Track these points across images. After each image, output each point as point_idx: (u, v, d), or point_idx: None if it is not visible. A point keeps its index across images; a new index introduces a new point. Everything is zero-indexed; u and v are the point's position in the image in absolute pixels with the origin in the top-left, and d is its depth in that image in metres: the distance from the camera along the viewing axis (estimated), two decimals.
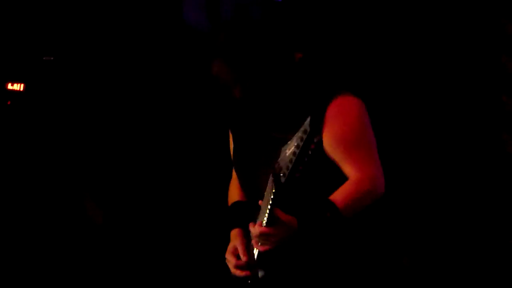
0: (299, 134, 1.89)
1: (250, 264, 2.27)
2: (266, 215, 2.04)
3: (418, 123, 4.31)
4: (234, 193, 2.54)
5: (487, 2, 4.14)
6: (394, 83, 4.30)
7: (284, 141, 2.03)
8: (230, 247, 2.35)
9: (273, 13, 3.82)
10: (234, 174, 2.52)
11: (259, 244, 2.13)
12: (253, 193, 2.30)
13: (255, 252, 2.23)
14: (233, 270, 2.30)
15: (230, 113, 2.33)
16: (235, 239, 2.36)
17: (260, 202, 2.10)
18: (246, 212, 2.40)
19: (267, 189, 2.04)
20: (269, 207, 2.01)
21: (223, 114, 2.29)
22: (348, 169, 2.17)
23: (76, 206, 4.22)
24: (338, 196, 2.12)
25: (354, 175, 2.16)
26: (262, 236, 2.07)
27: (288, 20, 3.95)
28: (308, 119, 1.87)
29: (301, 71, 2.27)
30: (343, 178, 2.19)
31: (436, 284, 3.99)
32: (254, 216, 2.20)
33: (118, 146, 4.30)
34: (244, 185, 2.43)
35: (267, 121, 2.29)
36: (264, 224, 2.05)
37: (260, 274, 2.24)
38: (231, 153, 2.48)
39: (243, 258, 2.27)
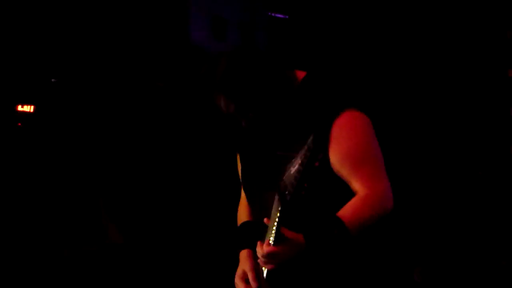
0: (303, 151, 1.89)
1: None
2: (273, 233, 2.03)
3: (427, 137, 4.30)
4: (243, 214, 2.54)
5: (494, 17, 4.14)
6: (401, 97, 4.29)
7: (291, 159, 2.04)
8: (239, 271, 2.34)
9: (279, 30, 3.83)
10: (243, 194, 2.53)
11: (266, 263, 2.12)
12: (261, 212, 2.29)
13: (264, 271, 2.22)
14: None
15: (236, 134, 2.33)
16: (244, 262, 2.34)
17: (266, 220, 2.09)
18: (255, 232, 2.39)
19: (273, 207, 2.03)
20: (275, 225, 2.00)
21: (230, 136, 2.29)
22: (356, 185, 2.16)
23: (96, 228, 4.23)
24: (346, 212, 2.11)
25: (362, 192, 2.14)
26: (269, 255, 2.06)
27: (293, 37, 3.96)
28: (312, 137, 1.87)
29: (305, 89, 2.27)
30: (349, 194, 2.17)
31: None
32: (262, 236, 2.20)
33: (130, 165, 4.31)
34: (252, 205, 2.43)
35: (273, 141, 2.29)
36: (271, 243, 2.04)
37: None
38: (239, 174, 2.49)
39: (253, 285, 2.26)
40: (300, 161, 1.88)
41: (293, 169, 1.91)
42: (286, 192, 1.91)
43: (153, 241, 4.24)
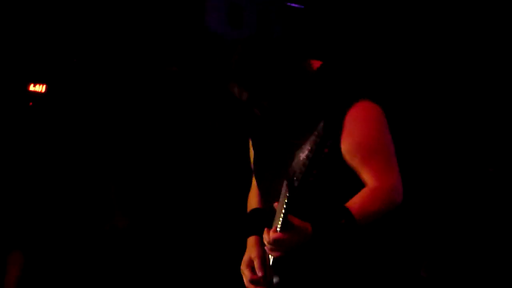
0: (312, 137, 1.88)
1: (265, 278, 2.26)
2: (280, 220, 2.02)
3: (439, 132, 4.28)
4: (253, 201, 2.54)
5: (504, 9, 4.11)
6: (415, 91, 4.28)
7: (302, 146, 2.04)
8: (245, 258, 2.34)
9: (295, 19, 3.83)
10: (254, 182, 2.53)
11: (272, 250, 2.12)
12: (271, 200, 2.29)
13: (271, 258, 2.22)
14: (247, 284, 2.29)
15: (250, 121, 2.33)
16: (251, 249, 2.34)
17: (275, 204, 2.09)
18: (264, 219, 2.39)
19: (281, 194, 2.01)
20: (283, 212, 1.99)
21: (243, 123, 2.29)
22: (366, 176, 2.15)
23: (104, 211, 4.24)
24: (354, 203, 2.10)
25: (372, 183, 2.13)
26: (275, 242, 2.05)
27: (309, 27, 3.95)
28: (322, 123, 1.86)
29: (320, 79, 2.26)
30: (358, 183, 2.17)
31: None
32: (270, 223, 2.20)
33: (139, 151, 4.32)
34: (263, 192, 2.43)
35: (287, 129, 2.28)
36: (278, 230, 2.04)
37: (275, 280, 2.23)
38: (251, 161, 2.49)
39: (259, 274, 2.26)
40: (309, 147, 1.86)
41: (302, 155, 1.89)
42: (295, 178, 1.89)
43: (164, 227, 4.26)
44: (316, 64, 2.30)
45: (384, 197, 2.13)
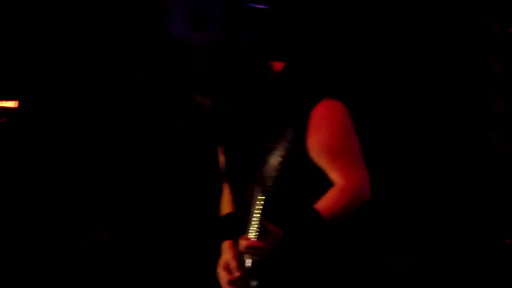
0: (283, 143, 1.89)
1: (242, 279, 2.27)
2: (255, 226, 2.03)
3: (406, 124, 4.31)
4: (226, 205, 2.55)
5: (473, 3, 4.16)
6: (381, 85, 4.31)
7: (272, 149, 2.04)
8: (221, 262, 2.35)
9: (259, 21, 3.83)
10: (225, 185, 2.53)
11: (249, 256, 2.13)
12: (244, 203, 2.31)
13: (248, 262, 2.23)
14: (224, 286, 2.30)
15: (219, 127, 2.33)
16: (227, 253, 2.35)
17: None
18: (238, 223, 2.40)
19: (254, 199, 2.03)
20: (257, 218, 2.01)
21: (211, 129, 2.30)
22: (333, 175, 2.17)
23: (83, 224, 4.23)
24: (322, 204, 2.12)
25: (339, 182, 2.16)
26: (251, 249, 2.06)
27: (273, 28, 3.96)
28: (291, 129, 1.87)
29: (283, 80, 2.27)
30: (330, 185, 2.18)
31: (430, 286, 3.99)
32: (244, 227, 2.20)
33: (107, 160, 4.31)
34: (235, 196, 2.44)
35: (255, 132, 2.29)
36: (253, 236, 2.05)
37: (253, 284, 2.24)
38: (221, 166, 2.49)
39: (235, 274, 2.27)
40: (280, 153, 1.88)
41: (274, 161, 1.91)
42: (268, 184, 1.91)
43: (139, 235, 4.25)
44: (278, 66, 2.31)
45: (351, 195, 2.15)
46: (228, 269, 2.31)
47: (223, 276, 2.31)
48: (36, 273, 4.03)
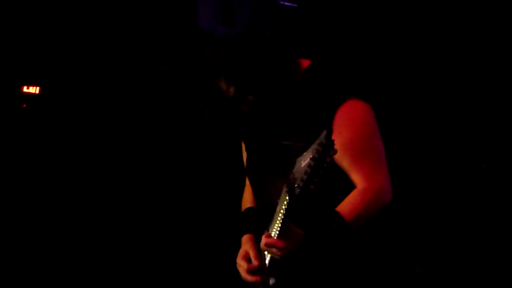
0: (314, 146, 1.87)
1: (262, 269, 2.27)
2: (278, 226, 2.03)
3: (432, 129, 4.28)
4: (247, 200, 2.54)
5: (504, 5, 4.12)
6: (405, 87, 4.28)
7: (295, 148, 2.03)
8: (241, 252, 2.34)
9: (287, 18, 3.83)
10: (247, 181, 2.53)
11: (269, 254, 2.13)
12: (265, 199, 2.30)
13: (267, 258, 2.23)
14: (244, 275, 2.30)
15: (241, 122, 2.32)
16: (246, 244, 2.35)
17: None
18: (258, 218, 2.40)
19: (280, 199, 2.02)
20: (281, 218, 2.01)
21: (235, 124, 2.29)
22: (355, 177, 2.16)
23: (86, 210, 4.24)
24: (345, 206, 2.11)
25: (360, 184, 2.14)
26: (272, 247, 2.06)
27: (301, 26, 3.95)
28: (325, 132, 1.86)
29: (309, 78, 2.26)
30: (353, 187, 2.17)
31: None
32: (265, 223, 2.20)
33: (132, 151, 4.31)
34: (256, 192, 2.43)
35: (277, 129, 2.28)
36: (276, 236, 2.05)
37: (271, 281, 2.23)
38: (244, 161, 2.49)
39: (255, 263, 2.27)
40: (311, 156, 1.86)
41: (304, 163, 1.89)
42: (295, 185, 1.90)
43: (158, 227, 4.25)
44: (305, 63, 2.30)
45: (373, 197, 2.13)
46: (247, 259, 2.30)
47: (243, 265, 2.30)
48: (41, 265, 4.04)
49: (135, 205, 4.29)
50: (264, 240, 2.07)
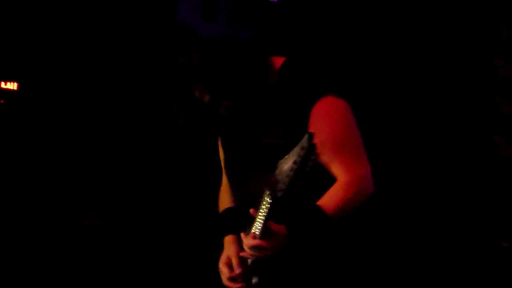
0: (297, 150, 1.86)
1: (244, 276, 2.26)
2: (260, 226, 2.03)
3: (410, 123, 4.31)
4: (225, 199, 2.53)
5: (482, 5, 4.14)
6: (384, 83, 4.30)
7: (273, 146, 2.04)
8: (223, 257, 2.33)
9: (267, 14, 3.82)
10: (224, 180, 2.52)
11: (251, 255, 2.11)
12: (244, 198, 2.29)
13: (249, 259, 2.22)
14: (225, 282, 2.29)
15: (218, 123, 2.31)
16: (229, 248, 2.33)
17: (252, 210, 2.08)
18: (239, 218, 2.39)
19: (262, 201, 2.01)
20: (263, 219, 2.00)
21: (212, 125, 2.28)
22: (335, 171, 2.16)
23: (73, 208, 4.21)
24: (327, 201, 2.11)
25: (342, 178, 2.14)
26: (255, 248, 2.06)
27: (282, 21, 3.95)
28: (307, 136, 1.85)
29: (283, 76, 2.26)
30: (333, 181, 2.17)
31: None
32: (246, 223, 2.19)
33: (113, 147, 4.29)
34: (234, 190, 2.42)
35: (254, 128, 2.27)
36: (258, 236, 2.04)
37: (254, 280, 2.23)
38: (221, 159, 2.48)
39: (237, 270, 2.26)
40: (294, 159, 1.86)
41: (286, 166, 1.89)
42: (278, 189, 1.90)
43: (137, 225, 4.24)
44: (280, 61, 2.29)
45: (354, 190, 2.13)
46: (229, 265, 2.29)
47: (224, 271, 2.29)
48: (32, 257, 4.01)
49: (110, 204, 4.28)
50: (247, 241, 2.07)
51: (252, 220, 2.08)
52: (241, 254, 2.17)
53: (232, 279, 2.26)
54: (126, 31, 3.89)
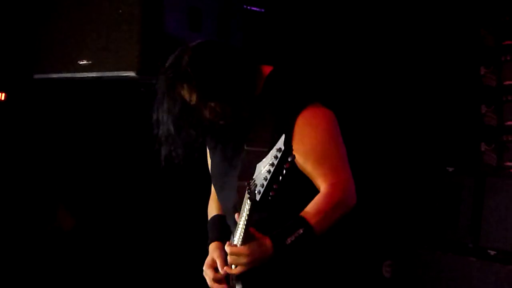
0: (273, 152, 1.88)
1: (228, 278, 2.26)
2: (241, 233, 2.04)
3: (394, 132, 4.33)
4: (213, 207, 2.55)
5: (467, 15, 4.18)
6: (369, 92, 4.32)
7: (258, 154, 2.04)
8: (208, 260, 2.35)
9: (253, 24, 3.84)
10: (213, 188, 2.53)
11: (233, 263, 2.12)
12: (230, 206, 2.30)
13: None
14: (210, 284, 2.30)
15: (205, 128, 2.33)
16: (214, 252, 2.35)
17: (236, 215, 2.09)
18: (225, 225, 2.40)
19: (242, 206, 2.03)
20: (244, 225, 2.01)
21: (199, 130, 2.29)
22: (318, 181, 2.18)
23: (47, 213, 4.20)
24: (310, 211, 2.12)
25: (325, 189, 2.16)
26: (236, 254, 2.07)
27: (268, 32, 3.97)
28: (283, 137, 1.86)
29: (270, 84, 2.27)
30: (317, 192, 2.19)
31: None
32: (231, 231, 2.19)
33: (95, 154, 4.29)
34: (221, 198, 2.43)
35: (239, 135, 2.28)
36: (239, 243, 2.05)
37: (237, 287, 2.24)
38: (209, 167, 2.49)
39: (222, 272, 2.27)
40: (270, 162, 1.87)
41: (263, 169, 1.90)
42: (256, 191, 1.91)
43: (115, 230, 4.24)
44: (267, 69, 2.31)
45: (337, 201, 2.15)
46: (214, 268, 2.30)
47: (209, 273, 2.31)
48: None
49: (89, 205, 4.28)
50: (228, 249, 2.07)
51: (237, 225, 2.09)
52: (225, 269, 2.18)
53: (217, 280, 2.28)
54: (115, 42, 3.89)
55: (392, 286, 3.97)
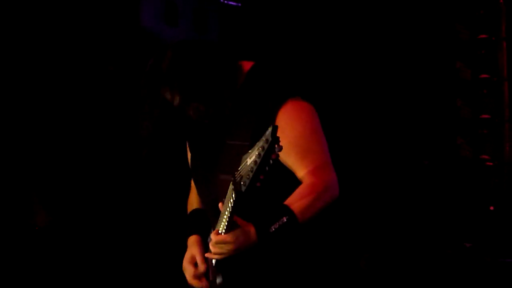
0: (260, 143, 1.87)
1: (208, 274, 2.26)
2: (225, 222, 2.03)
3: (373, 126, 4.35)
4: (193, 201, 2.54)
5: (442, 9, 4.21)
6: (349, 86, 4.34)
7: (239, 148, 2.05)
8: (187, 256, 2.34)
9: (230, 18, 3.84)
10: (193, 183, 2.52)
11: (217, 252, 2.11)
12: (210, 200, 2.30)
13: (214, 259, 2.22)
14: (190, 280, 2.30)
15: (185, 124, 2.32)
16: (192, 247, 2.34)
17: (220, 204, 2.09)
18: (204, 219, 2.39)
19: (226, 196, 2.03)
20: (228, 215, 2.01)
21: (180, 127, 2.29)
22: (301, 173, 2.18)
23: (22, 208, 4.16)
24: (294, 200, 2.12)
25: (308, 179, 2.16)
26: (220, 243, 2.06)
27: (244, 26, 3.96)
28: (270, 129, 1.86)
29: (251, 79, 2.27)
30: (299, 184, 2.19)
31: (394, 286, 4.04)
32: (211, 223, 2.18)
33: (69, 150, 4.26)
34: (201, 192, 2.43)
35: (222, 130, 2.28)
36: (223, 232, 2.05)
37: (218, 280, 2.23)
38: (189, 162, 2.48)
39: (201, 268, 2.26)
40: (257, 153, 1.87)
41: (250, 160, 1.89)
42: (241, 183, 1.90)
43: (105, 230, 4.22)
44: (247, 65, 2.32)
45: (321, 191, 2.15)
46: (194, 263, 2.30)
47: (189, 269, 2.30)
48: None
49: (66, 201, 4.24)
50: (213, 238, 2.07)
51: (220, 216, 2.08)
52: (206, 255, 2.17)
53: (196, 276, 2.27)
54: (90, 37, 3.86)
55: (369, 278, 4.00)
